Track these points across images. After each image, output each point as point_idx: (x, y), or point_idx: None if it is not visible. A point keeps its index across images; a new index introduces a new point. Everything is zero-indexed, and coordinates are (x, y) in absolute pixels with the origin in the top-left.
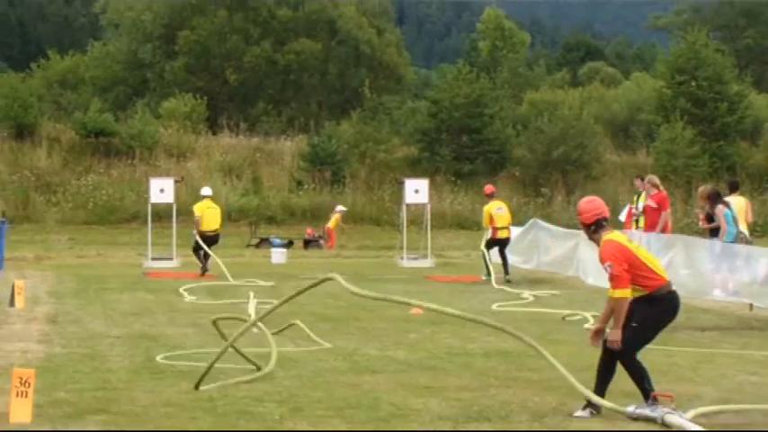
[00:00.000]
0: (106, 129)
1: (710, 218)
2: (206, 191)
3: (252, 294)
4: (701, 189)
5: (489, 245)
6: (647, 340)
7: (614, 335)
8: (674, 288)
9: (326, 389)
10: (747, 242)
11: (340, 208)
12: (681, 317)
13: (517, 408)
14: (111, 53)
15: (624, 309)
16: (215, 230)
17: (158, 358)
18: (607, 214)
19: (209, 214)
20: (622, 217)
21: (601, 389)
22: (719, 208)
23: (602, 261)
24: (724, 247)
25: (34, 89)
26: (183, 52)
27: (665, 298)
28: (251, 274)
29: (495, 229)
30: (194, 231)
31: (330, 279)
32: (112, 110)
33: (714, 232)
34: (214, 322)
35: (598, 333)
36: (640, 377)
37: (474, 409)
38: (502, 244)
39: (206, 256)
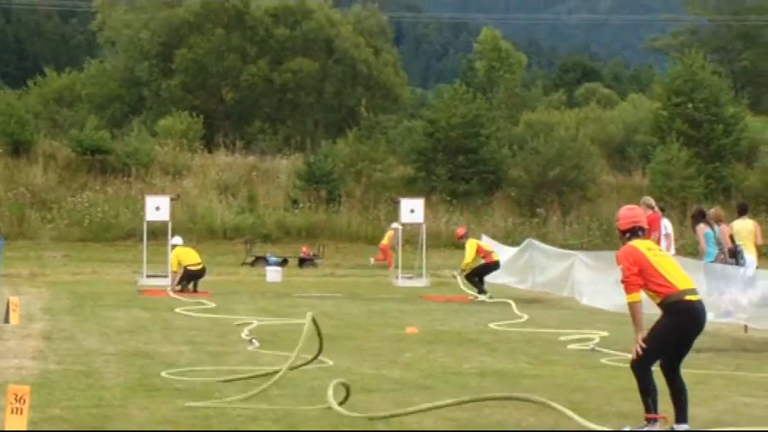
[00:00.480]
0: (102, 146)
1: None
2: (177, 240)
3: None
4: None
5: (483, 272)
6: (660, 350)
7: (636, 339)
8: (693, 298)
9: (322, 407)
10: (727, 263)
11: (395, 225)
12: None
13: (512, 428)
14: (108, 71)
15: (637, 312)
16: (198, 263)
17: (163, 374)
18: (644, 224)
19: (186, 252)
20: None
21: (676, 413)
22: (700, 227)
23: (618, 263)
24: (714, 268)
25: (30, 106)
26: (180, 70)
27: (677, 307)
28: (246, 292)
29: (488, 254)
30: (173, 280)
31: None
32: (108, 127)
33: (729, 253)
34: (313, 320)
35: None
36: (645, 391)
37: (469, 429)
38: (494, 268)
39: (191, 285)
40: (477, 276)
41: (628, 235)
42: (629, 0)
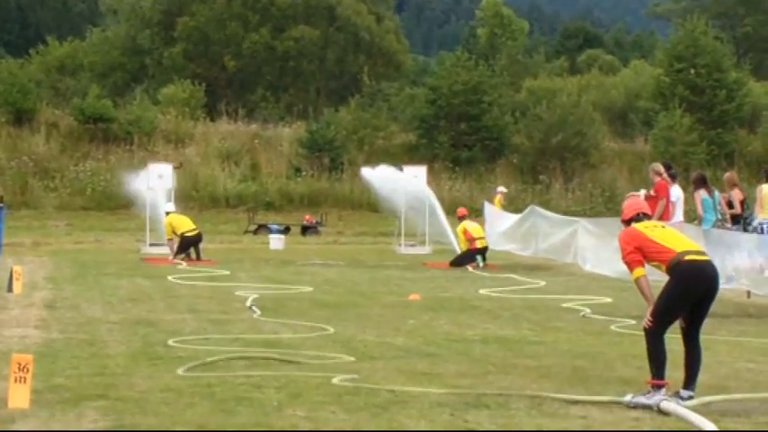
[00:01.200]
0: (104, 115)
1: (730, 204)
2: (169, 206)
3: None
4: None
5: (467, 258)
6: (668, 313)
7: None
8: (696, 258)
9: (324, 375)
10: (726, 228)
11: (501, 189)
12: None
13: (515, 394)
14: (110, 39)
15: (644, 287)
16: (193, 229)
17: (170, 342)
18: (646, 210)
19: (179, 220)
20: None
21: (685, 379)
22: (698, 193)
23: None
24: (716, 233)
25: (33, 75)
26: (182, 38)
27: (679, 268)
28: (248, 259)
29: (472, 241)
30: (172, 248)
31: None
32: (111, 96)
33: (734, 218)
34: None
35: None
36: (654, 357)
37: (472, 396)
38: (482, 253)
39: (188, 253)
40: (460, 264)
41: (632, 223)
42: None
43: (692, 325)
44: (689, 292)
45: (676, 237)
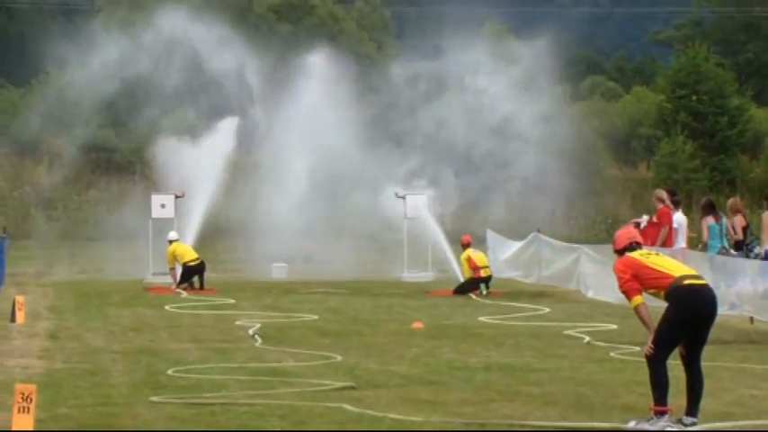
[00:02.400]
0: (106, 145)
1: (734, 230)
2: (173, 235)
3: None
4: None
5: (470, 286)
6: (669, 339)
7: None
8: (694, 282)
9: (328, 404)
10: (730, 255)
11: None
12: None
13: (519, 422)
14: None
15: (643, 315)
16: (196, 259)
17: (170, 371)
18: (638, 239)
19: (181, 249)
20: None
21: (688, 405)
22: (705, 220)
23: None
24: (720, 260)
25: (35, 105)
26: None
27: (677, 293)
28: (250, 288)
29: (476, 269)
30: (175, 277)
31: None
32: (113, 126)
33: (737, 245)
34: None
35: None
36: (657, 383)
37: (476, 424)
38: (485, 282)
39: (191, 282)
40: (463, 291)
41: (625, 252)
42: None
43: (692, 351)
44: (689, 317)
45: (672, 262)
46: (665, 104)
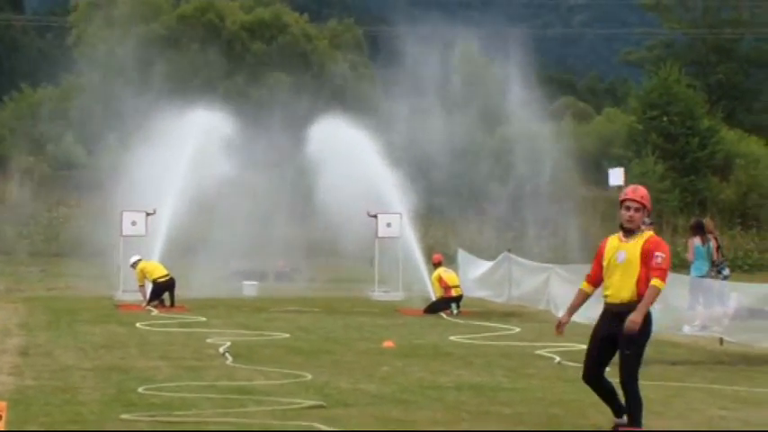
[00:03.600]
0: (78, 161)
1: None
2: (134, 258)
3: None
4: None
5: (441, 305)
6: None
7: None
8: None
9: (299, 422)
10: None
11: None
12: (651, 350)
13: None
14: (84, 86)
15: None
16: (165, 275)
17: (140, 389)
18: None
19: (150, 266)
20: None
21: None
22: (692, 240)
23: (655, 250)
24: (696, 282)
25: (7, 122)
26: (156, 87)
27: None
28: (222, 306)
29: (447, 289)
30: (145, 295)
31: None
32: (84, 143)
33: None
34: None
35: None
36: (639, 404)
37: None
38: (456, 302)
39: (162, 299)
40: (434, 310)
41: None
42: (603, 13)
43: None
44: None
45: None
46: (636, 125)
